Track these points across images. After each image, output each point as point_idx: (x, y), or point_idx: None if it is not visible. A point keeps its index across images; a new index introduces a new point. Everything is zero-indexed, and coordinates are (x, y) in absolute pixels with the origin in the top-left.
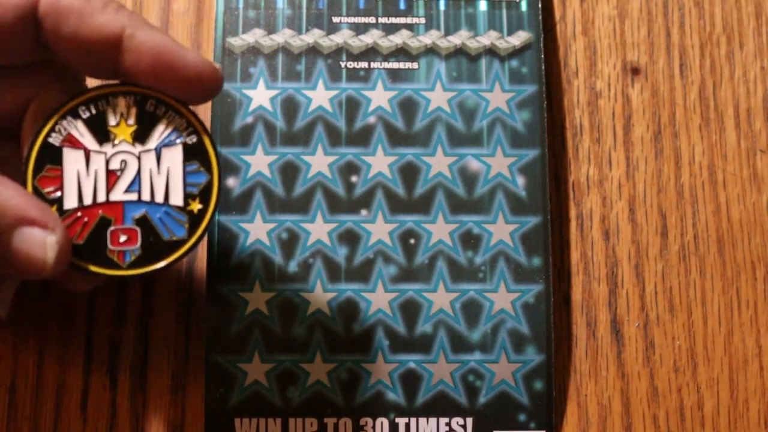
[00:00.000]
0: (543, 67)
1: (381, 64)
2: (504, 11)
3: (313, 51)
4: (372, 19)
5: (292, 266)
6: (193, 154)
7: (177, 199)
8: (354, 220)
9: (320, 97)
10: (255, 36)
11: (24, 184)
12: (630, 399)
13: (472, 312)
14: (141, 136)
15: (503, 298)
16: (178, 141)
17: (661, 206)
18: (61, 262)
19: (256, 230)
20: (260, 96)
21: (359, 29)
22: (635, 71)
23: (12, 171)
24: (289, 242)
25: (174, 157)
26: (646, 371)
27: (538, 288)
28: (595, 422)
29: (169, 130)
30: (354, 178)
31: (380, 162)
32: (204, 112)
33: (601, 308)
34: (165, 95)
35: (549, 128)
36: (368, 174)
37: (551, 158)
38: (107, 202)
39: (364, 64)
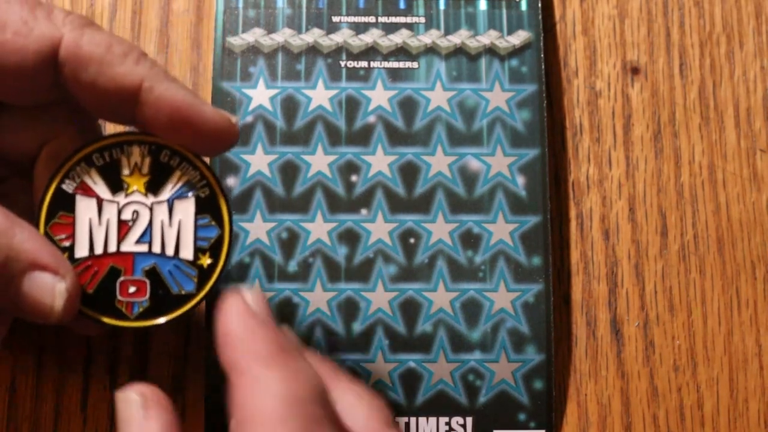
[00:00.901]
0: (543, 67)
1: (381, 64)
2: (504, 11)
3: (313, 50)
4: (372, 19)
5: (292, 266)
6: (205, 207)
7: (187, 252)
8: (354, 220)
9: (320, 96)
10: (255, 35)
11: (36, 228)
12: (630, 398)
13: (472, 311)
14: (154, 186)
15: (503, 298)
16: (191, 194)
17: (660, 206)
18: (69, 310)
19: (256, 230)
20: (260, 95)
21: (359, 29)
22: (635, 71)
23: (22, 205)
24: (289, 242)
25: (186, 209)
26: (646, 371)
27: (538, 287)
28: (594, 422)
29: (182, 183)
30: (354, 178)
31: (380, 161)
32: None
33: (601, 308)
34: (180, 147)
35: (549, 128)
36: (368, 173)
37: (551, 158)
38: (118, 252)
39: (363, 64)
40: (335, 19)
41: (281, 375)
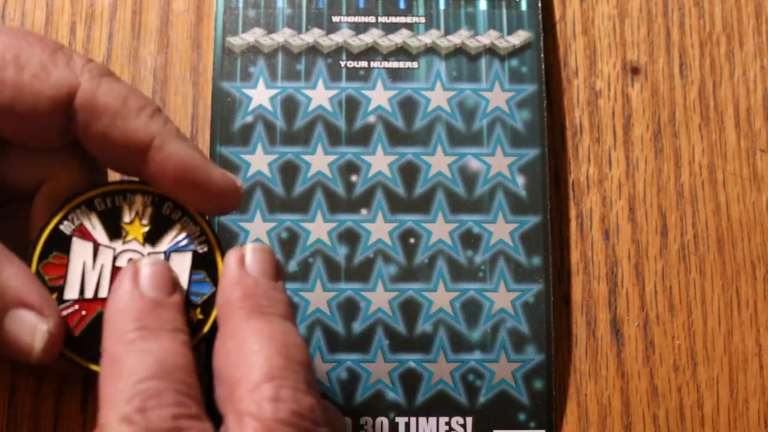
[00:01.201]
0: (543, 67)
1: (381, 64)
2: (504, 10)
3: (313, 50)
4: (372, 19)
5: (292, 265)
6: (201, 263)
7: None
8: (354, 220)
9: (320, 96)
10: (255, 35)
11: (28, 265)
12: (630, 398)
13: (471, 311)
14: (153, 237)
15: (503, 298)
16: (189, 248)
17: (660, 206)
18: (49, 352)
19: (256, 230)
20: (260, 95)
21: (359, 29)
22: (635, 71)
23: (21, 229)
24: (289, 242)
25: (182, 263)
26: (646, 371)
27: (537, 287)
28: (595, 421)
29: (181, 236)
30: (354, 178)
31: (380, 161)
32: (204, 111)
33: (601, 308)
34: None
35: (549, 128)
36: (368, 173)
37: (551, 158)
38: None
39: (363, 64)
40: (335, 19)
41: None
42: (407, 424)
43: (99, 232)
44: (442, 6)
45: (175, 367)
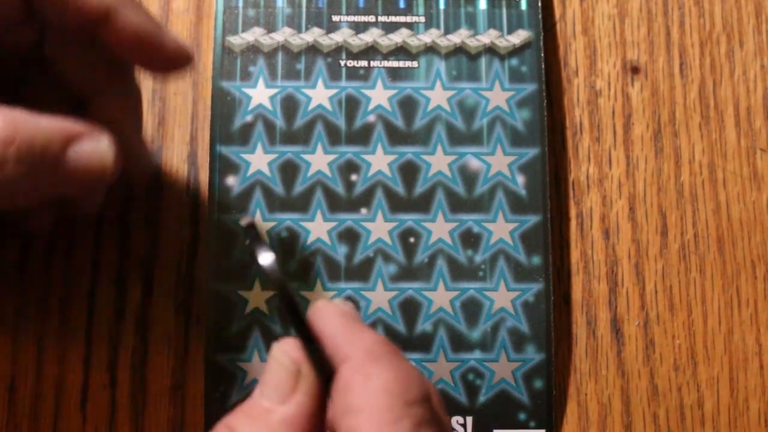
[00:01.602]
0: (543, 66)
1: (381, 63)
2: (504, 10)
3: (313, 50)
4: (372, 18)
5: (292, 264)
6: None
7: None
8: (354, 219)
9: (320, 95)
10: (255, 35)
11: None
12: (630, 398)
13: (471, 311)
14: None
15: (503, 297)
16: None
17: (661, 205)
18: (119, 161)
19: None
20: (260, 95)
21: (359, 28)
22: (635, 70)
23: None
24: (289, 241)
25: None
26: (646, 370)
27: (538, 287)
28: (595, 421)
29: None
30: (354, 177)
31: (380, 161)
32: (204, 110)
33: (601, 307)
34: None
35: (549, 127)
36: (368, 173)
37: (551, 157)
38: None
39: (363, 63)
40: (335, 18)
41: (394, 375)
42: None
43: None
44: (442, 5)
45: None
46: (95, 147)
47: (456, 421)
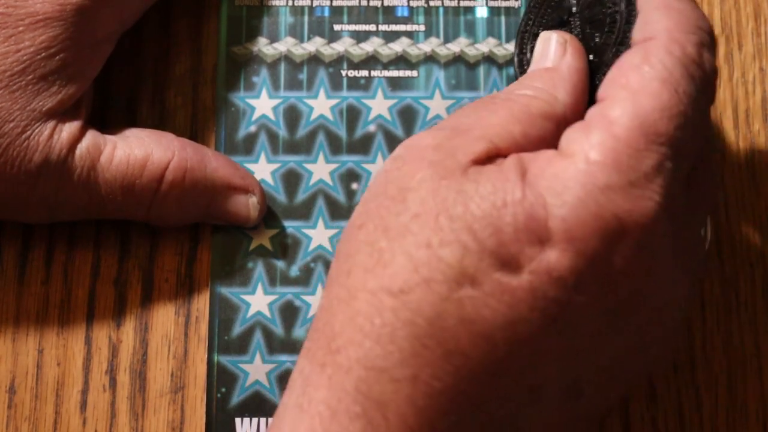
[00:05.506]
0: None
1: (381, 73)
2: (503, 18)
3: (315, 60)
4: (373, 27)
5: (294, 271)
6: None
7: None
8: None
9: (321, 105)
10: (258, 44)
11: None
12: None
13: None
14: None
15: None
16: None
17: None
18: (261, 214)
19: (259, 236)
20: (263, 105)
21: (360, 37)
22: None
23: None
24: (292, 248)
25: None
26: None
27: None
28: None
29: None
30: (354, 186)
31: None
32: (208, 121)
33: None
34: None
35: None
36: (369, 181)
37: None
38: None
39: (364, 73)
40: (337, 27)
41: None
42: None
43: None
44: (441, 13)
45: None
46: (246, 201)
47: None
